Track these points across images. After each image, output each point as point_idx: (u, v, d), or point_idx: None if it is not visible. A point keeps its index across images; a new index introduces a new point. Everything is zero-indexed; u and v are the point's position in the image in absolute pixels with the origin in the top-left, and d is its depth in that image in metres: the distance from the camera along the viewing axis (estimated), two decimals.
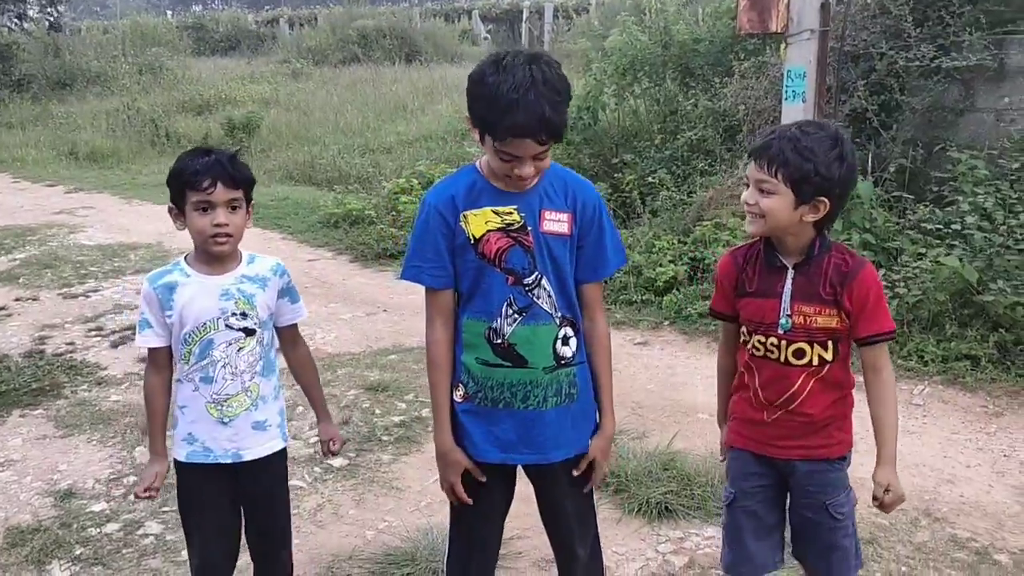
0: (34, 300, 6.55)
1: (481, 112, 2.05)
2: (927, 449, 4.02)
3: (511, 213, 2.17)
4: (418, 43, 23.87)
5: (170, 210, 2.41)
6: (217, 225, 2.32)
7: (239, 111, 14.15)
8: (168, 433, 2.49)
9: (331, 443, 2.68)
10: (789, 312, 2.18)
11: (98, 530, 3.49)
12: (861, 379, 2.25)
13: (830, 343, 2.18)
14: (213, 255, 2.38)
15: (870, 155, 6.03)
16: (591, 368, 2.31)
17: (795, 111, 6.13)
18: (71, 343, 5.56)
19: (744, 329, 2.30)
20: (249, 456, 2.47)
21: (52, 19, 22.57)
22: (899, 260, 5.35)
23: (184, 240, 2.50)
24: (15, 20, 22.26)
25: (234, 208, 2.36)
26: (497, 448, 2.25)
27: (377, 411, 4.52)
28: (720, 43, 7.89)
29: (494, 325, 2.19)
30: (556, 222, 2.19)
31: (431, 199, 2.22)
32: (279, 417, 2.54)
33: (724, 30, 7.87)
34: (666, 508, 3.46)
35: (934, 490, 3.66)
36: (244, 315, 2.41)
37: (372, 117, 14.32)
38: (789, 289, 2.19)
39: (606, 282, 6.09)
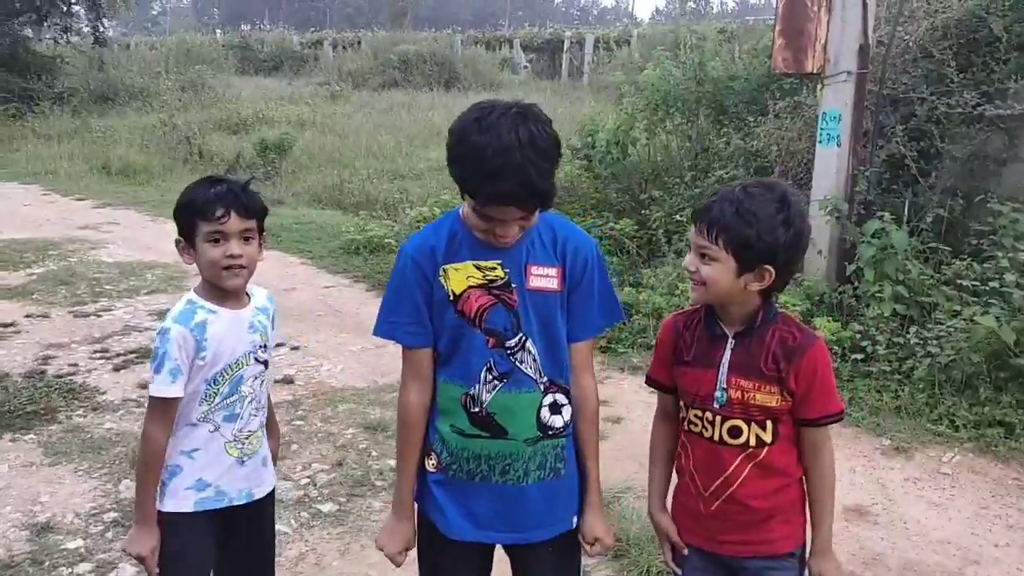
0: (44, 317, 6.46)
1: (463, 174, 1.88)
2: (953, 524, 3.74)
3: (494, 268, 2.00)
4: (458, 70, 24.02)
5: (177, 243, 2.26)
6: (231, 256, 2.18)
7: (274, 131, 14.16)
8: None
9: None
10: (725, 385, 1.99)
11: (70, 570, 3.34)
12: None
13: (769, 423, 2.00)
14: (226, 288, 2.23)
15: (907, 203, 5.77)
16: (575, 436, 2.12)
17: (829, 154, 5.92)
18: (74, 364, 5.45)
19: (682, 402, 2.12)
20: (259, 494, 2.38)
21: (97, 34, 22.86)
22: (932, 316, 5.08)
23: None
24: (61, 33, 22.62)
25: (247, 239, 2.22)
26: (472, 525, 2.07)
27: (374, 452, 4.34)
28: (756, 81, 7.69)
29: (472, 391, 2.02)
30: (544, 277, 2.02)
31: (409, 249, 2.06)
32: (269, 451, 2.45)
33: (760, 68, 7.67)
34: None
35: (959, 572, 3.39)
36: (264, 347, 2.33)
37: (405, 142, 14.28)
38: (727, 360, 2.00)
39: (625, 324, 5.90)
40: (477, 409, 2.02)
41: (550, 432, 2.05)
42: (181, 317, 2.20)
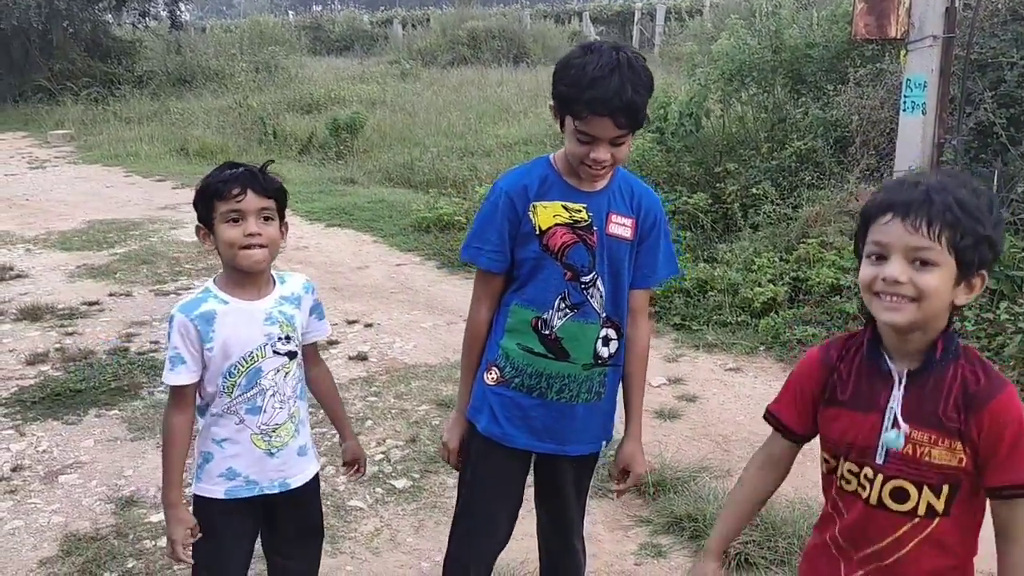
0: (127, 296, 6.63)
1: (564, 89, 2.06)
2: None
3: (580, 211, 2.19)
4: (527, 45, 23.82)
5: (198, 230, 2.25)
6: (249, 235, 2.16)
7: (345, 111, 14.26)
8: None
9: (357, 466, 2.56)
10: (902, 428, 1.61)
11: (152, 543, 3.41)
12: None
13: (945, 488, 1.59)
14: (246, 270, 2.20)
15: (996, 173, 5.53)
16: (626, 370, 2.34)
17: (914, 123, 5.70)
18: (155, 341, 5.58)
19: (825, 454, 1.75)
20: (295, 483, 2.36)
21: (175, 18, 23.34)
22: (1023, 291, 4.87)
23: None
24: (139, 18, 23.14)
25: (266, 219, 2.20)
26: (524, 434, 2.29)
27: None
28: (835, 49, 7.43)
29: (544, 316, 2.23)
30: (621, 226, 2.23)
31: (503, 185, 2.25)
32: (311, 438, 2.43)
33: (840, 35, 7.41)
34: (746, 559, 3.16)
35: None
36: (288, 339, 2.28)
37: (475, 119, 14.24)
38: (899, 403, 1.61)
39: (700, 300, 5.79)
40: (548, 332, 2.22)
41: (599, 361, 2.27)
42: (186, 306, 2.20)
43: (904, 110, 5.76)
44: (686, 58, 10.35)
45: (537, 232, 2.19)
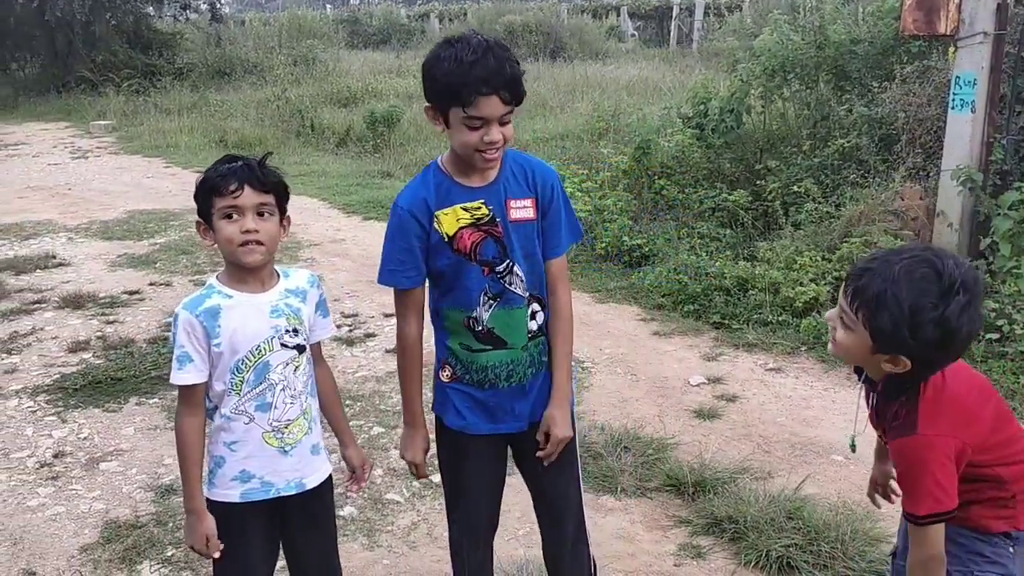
0: (167, 286, 6.69)
1: (444, 81, 2.11)
2: None
3: (479, 208, 2.27)
4: (564, 40, 23.76)
5: (198, 225, 2.23)
6: (246, 231, 2.13)
7: (382, 104, 14.27)
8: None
9: (360, 471, 2.51)
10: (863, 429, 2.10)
11: None
12: None
13: None
14: (245, 266, 2.17)
15: None
16: (549, 339, 2.41)
17: (963, 121, 5.58)
18: None
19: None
20: (311, 483, 2.33)
21: (215, 10, 23.54)
22: None
23: (316, 233, 2.34)
24: (180, 11, 23.37)
25: (264, 214, 2.17)
26: (486, 422, 2.38)
27: None
28: (881, 45, 7.28)
29: (473, 314, 2.31)
30: (522, 208, 2.30)
31: (403, 203, 2.28)
32: (322, 438, 2.40)
33: (886, 31, 7.26)
34: (788, 563, 3.11)
35: None
36: (295, 331, 2.26)
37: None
38: (872, 408, 2.04)
39: (740, 299, 5.71)
40: (480, 328, 2.32)
41: (530, 336, 2.37)
42: (191, 303, 2.18)
43: (953, 108, 5.63)
44: (726, 54, 10.26)
45: (446, 239, 2.26)
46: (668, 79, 14.87)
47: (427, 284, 2.35)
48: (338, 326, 5.73)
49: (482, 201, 2.26)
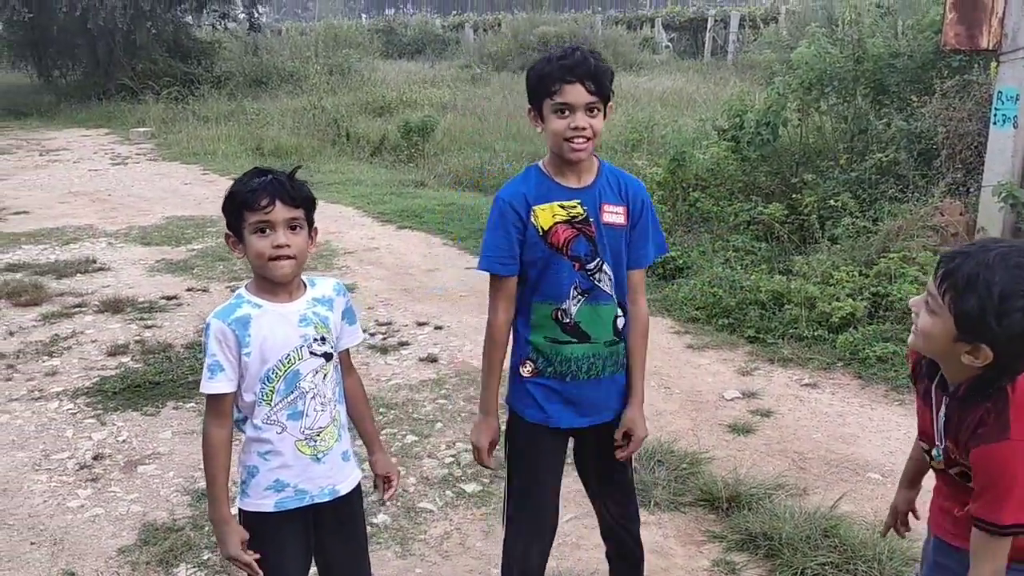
0: (204, 291, 6.77)
1: (536, 76, 2.35)
2: None
3: (575, 207, 2.42)
4: (598, 50, 23.72)
5: (227, 237, 2.25)
6: (277, 247, 2.15)
7: (417, 114, 14.37)
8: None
9: (389, 479, 2.50)
10: (943, 442, 1.89)
11: None
12: None
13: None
14: (275, 280, 2.20)
15: None
16: (629, 345, 2.54)
17: (1005, 137, 5.53)
18: None
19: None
20: (344, 490, 2.36)
21: (253, 20, 23.83)
22: None
23: (350, 241, 2.37)
24: (219, 20, 23.68)
25: (295, 228, 2.19)
26: (566, 415, 2.50)
27: None
28: (920, 59, 7.22)
29: (562, 306, 2.43)
30: (614, 214, 2.45)
31: (504, 195, 2.45)
32: (351, 445, 2.43)
33: (926, 44, 7.20)
34: None
35: None
36: (323, 339, 2.28)
37: None
38: (942, 417, 1.88)
39: (775, 313, 5.68)
40: (567, 320, 2.44)
41: (614, 336, 2.49)
42: (222, 312, 2.20)
43: (994, 123, 5.58)
44: (763, 66, 10.23)
45: (541, 233, 2.40)
46: (703, 91, 14.85)
47: None
48: (372, 334, 5.77)
49: (578, 201, 2.41)
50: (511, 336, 2.53)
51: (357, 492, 2.42)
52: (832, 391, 4.81)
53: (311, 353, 2.25)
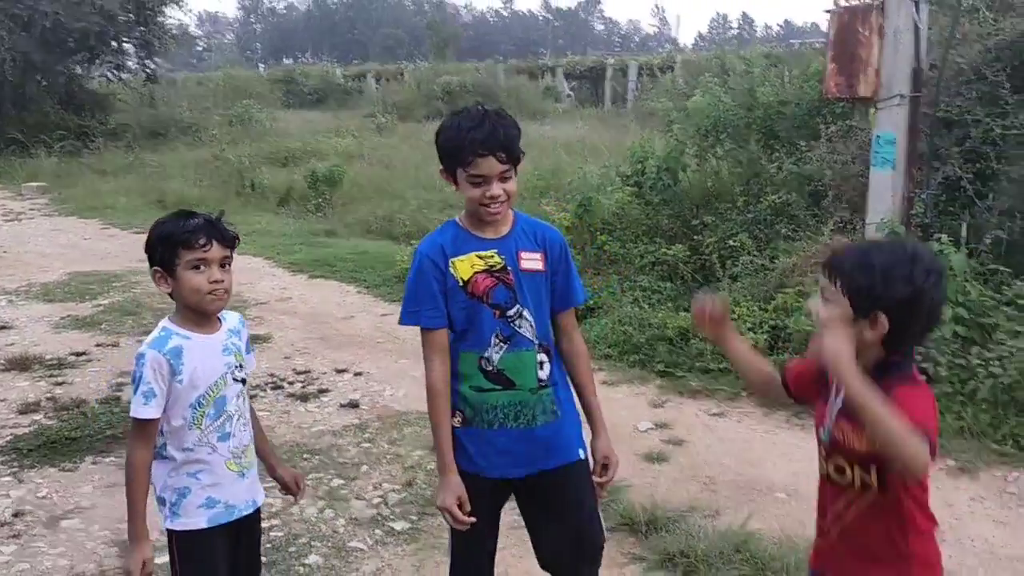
0: (114, 346, 6.66)
1: (447, 147, 2.41)
2: (1021, 542, 3.74)
3: (492, 256, 2.49)
4: (501, 99, 24.23)
5: (155, 273, 2.41)
6: (214, 282, 2.36)
7: (323, 164, 14.41)
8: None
9: (296, 482, 2.71)
10: (835, 420, 2.03)
11: None
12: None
13: (873, 468, 1.96)
14: (208, 312, 2.42)
15: (964, 225, 5.77)
16: (575, 381, 2.62)
17: (884, 178, 5.94)
18: None
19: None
20: (260, 501, 2.58)
21: (149, 71, 23.45)
22: (994, 337, 5.07)
23: (262, 292, 2.49)
24: (113, 71, 23.23)
25: (224, 266, 2.41)
26: (497, 466, 2.51)
27: None
28: (806, 106, 7.72)
29: (485, 354, 2.48)
30: (532, 260, 2.52)
31: (423, 249, 2.52)
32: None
33: (811, 93, 7.70)
34: None
35: None
36: (240, 366, 2.51)
37: None
38: (840, 402, 2.00)
39: (683, 348, 5.95)
40: (490, 368, 2.49)
41: (541, 383, 2.52)
42: (155, 343, 2.37)
43: (875, 165, 5.99)
44: (661, 114, 10.68)
45: (461, 284, 2.46)
46: (605, 138, 15.32)
47: None
48: (290, 383, 5.81)
49: (495, 251, 2.48)
50: None
51: (258, 510, 2.62)
52: (738, 419, 5.08)
53: (233, 379, 2.46)
